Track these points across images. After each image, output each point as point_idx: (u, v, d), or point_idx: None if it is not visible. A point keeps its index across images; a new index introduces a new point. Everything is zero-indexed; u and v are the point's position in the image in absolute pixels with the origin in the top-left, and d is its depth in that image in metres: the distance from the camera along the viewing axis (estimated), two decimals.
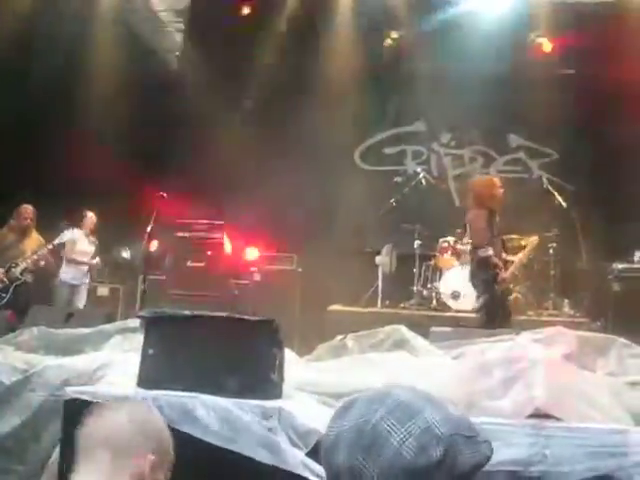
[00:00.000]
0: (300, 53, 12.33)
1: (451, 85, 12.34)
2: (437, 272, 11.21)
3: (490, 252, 8.02)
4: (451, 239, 11.14)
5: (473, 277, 8.38)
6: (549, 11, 11.93)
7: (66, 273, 10.40)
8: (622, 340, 5.68)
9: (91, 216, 10.60)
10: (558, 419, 4.07)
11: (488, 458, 1.35)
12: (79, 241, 10.44)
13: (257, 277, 10.98)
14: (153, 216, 8.44)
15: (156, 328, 4.55)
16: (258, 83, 12.28)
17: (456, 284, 10.56)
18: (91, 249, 10.63)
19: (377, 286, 11.22)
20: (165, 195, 8.80)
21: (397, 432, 1.28)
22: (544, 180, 12.21)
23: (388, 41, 12.61)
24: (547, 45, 12.18)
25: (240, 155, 11.92)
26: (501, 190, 8.49)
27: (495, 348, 4.43)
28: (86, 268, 10.63)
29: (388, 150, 13.29)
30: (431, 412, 1.31)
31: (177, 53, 13.00)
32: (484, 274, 8.10)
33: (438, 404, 1.35)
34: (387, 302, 11.13)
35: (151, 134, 11.72)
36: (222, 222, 11.23)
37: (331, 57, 12.64)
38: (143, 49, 12.29)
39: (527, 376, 4.06)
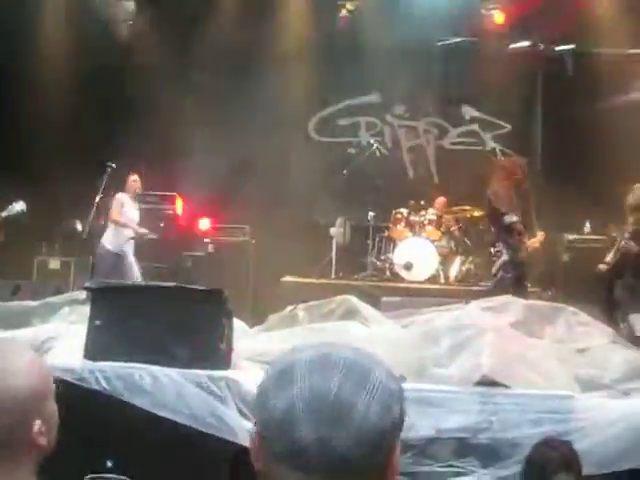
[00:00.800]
0: (253, 23, 12.17)
1: (405, 57, 12.29)
2: (390, 243, 11.24)
3: (515, 218, 8.32)
4: (404, 210, 11.16)
5: (497, 242, 8.61)
6: None
7: (110, 242, 9.64)
8: (571, 308, 5.77)
9: (135, 179, 9.87)
10: (505, 386, 4.12)
11: None
12: (126, 204, 9.72)
13: (210, 248, 10.90)
14: (102, 187, 8.31)
15: (102, 299, 4.50)
16: (211, 52, 12.10)
17: (409, 255, 10.61)
18: (136, 215, 9.93)
19: (331, 257, 11.22)
20: (114, 165, 8.67)
21: (360, 397, 1.24)
22: (497, 152, 12.34)
23: (343, 12, 12.50)
24: (499, 17, 12.18)
25: (192, 126, 11.79)
26: (524, 171, 8.80)
27: (443, 317, 4.45)
28: (129, 236, 9.75)
29: (342, 122, 13.22)
30: (377, 368, 1.29)
31: (130, 22, 12.74)
32: (509, 239, 8.37)
33: (374, 357, 1.33)
34: (341, 273, 11.14)
35: (102, 105, 11.53)
36: (174, 193, 11.11)
37: (285, 27, 12.50)
38: (95, 18, 12.03)
39: (474, 344, 4.10)
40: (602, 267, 8.31)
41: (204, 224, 11.55)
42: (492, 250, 8.61)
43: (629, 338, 6.53)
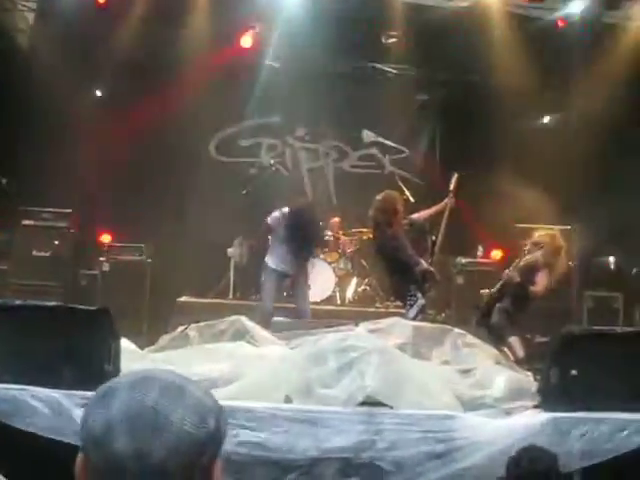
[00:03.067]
0: (158, 37, 12.05)
1: (307, 80, 12.44)
2: None
3: (425, 265, 8.42)
4: None
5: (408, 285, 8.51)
6: (400, 13, 12.15)
7: None
8: (457, 330, 5.94)
9: None
10: (389, 406, 4.20)
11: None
12: None
13: (106, 267, 10.72)
14: None
15: None
16: (113, 66, 11.93)
17: None
18: None
19: (229, 278, 11.19)
20: (4, 181, 8.46)
21: (176, 409, 1.30)
22: (396, 176, 12.56)
23: (247, 34, 12.54)
24: (396, 44, 12.45)
25: (92, 140, 11.59)
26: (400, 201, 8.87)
27: (330, 338, 4.52)
28: None
29: (244, 142, 13.25)
30: (193, 388, 1.37)
31: (27, 32, 12.43)
32: (424, 285, 8.45)
33: (191, 380, 1.40)
34: (238, 294, 11.13)
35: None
36: (70, 210, 10.90)
37: (189, 45, 12.43)
38: None
39: (360, 365, 4.17)
40: (484, 292, 8.56)
41: (105, 238, 11.38)
42: (407, 294, 8.51)
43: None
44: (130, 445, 1.27)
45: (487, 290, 8.52)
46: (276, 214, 8.77)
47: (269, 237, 8.97)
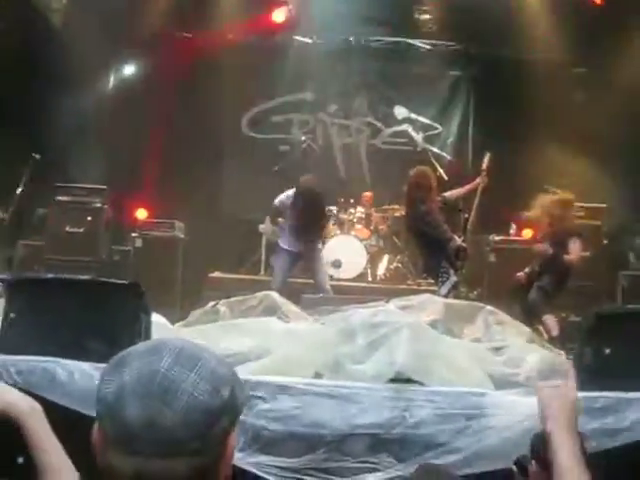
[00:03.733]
0: (187, 15, 12.05)
1: (339, 55, 12.39)
2: None
3: (459, 241, 8.37)
4: (334, 208, 11.22)
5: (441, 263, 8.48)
6: None
7: None
8: (489, 307, 5.88)
9: None
10: (419, 383, 4.17)
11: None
12: None
13: (138, 243, 10.78)
14: (24, 178, 8.15)
15: (18, 291, 4.41)
16: (146, 41, 11.95)
17: (338, 253, 10.67)
18: None
19: (261, 254, 11.21)
20: (38, 157, 8.51)
21: (188, 377, 1.29)
22: (429, 153, 12.48)
23: (279, 12, 12.48)
24: (429, 20, 12.33)
25: (126, 120, 11.63)
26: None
27: (361, 314, 4.49)
28: None
29: (275, 118, 13.23)
30: (208, 356, 1.35)
31: (61, 11, 12.46)
32: (457, 262, 8.42)
33: (207, 349, 1.38)
34: (269, 270, 11.13)
35: (34, 95, 11.28)
36: (104, 187, 10.96)
37: (221, 18, 12.39)
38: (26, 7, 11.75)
39: (390, 341, 4.14)
40: (520, 275, 8.45)
41: (141, 214, 11.46)
42: (440, 270, 8.45)
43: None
44: (141, 412, 1.25)
45: (522, 272, 8.42)
46: (282, 196, 8.87)
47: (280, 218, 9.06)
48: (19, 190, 8.12)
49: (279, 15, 12.38)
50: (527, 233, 11.24)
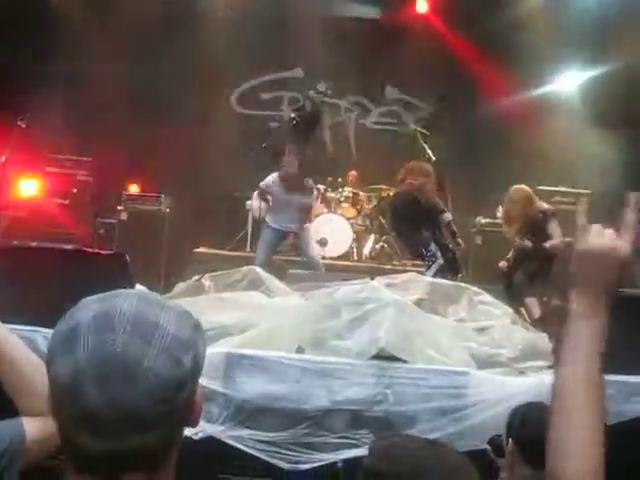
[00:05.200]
0: None
1: (331, 33, 12.29)
2: None
3: (450, 217, 8.60)
4: (321, 187, 11.18)
5: (427, 244, 8.47)
6: None
7: None
8: (474, 288, 5.89)
9: None
10: (402, 360, 4.17)
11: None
12: None
13: (124, 216, 10.71)
14: (9, 146, 8.06)
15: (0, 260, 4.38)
16: (132, 18, 11.82)
17: (324, 231, 10.65)
18: None
19: (247, 230, 11.17)
20: (23, 124, 8.42)
21: (147, 352, 1.21)
22: (417, 134, 12.42)
23: None
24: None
25: (113, 93, 11.51)
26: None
27: (345, 290, 4.48)
28: None
29: (265, 95, 13.15)
30: (166, 317, 1.26)
31: None
32: (445, 240, 8.51)
33: (164, 305, 1.29)
34: (255, 247, 11.08)
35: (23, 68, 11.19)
36: (90, 159, 10.87)
37: None
38: None
39: (374, 318, 4.13)
40: (502, 265, 8.47)
41: (133, 188, 11.43)
42: (423, 251, 8.41)
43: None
44: (101, 395, 1.18)
45: (504, 262, 8.45)
46: (268, 178, 9.26)
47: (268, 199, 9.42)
48: (3, 159, 8.01)
49: None
50: None
